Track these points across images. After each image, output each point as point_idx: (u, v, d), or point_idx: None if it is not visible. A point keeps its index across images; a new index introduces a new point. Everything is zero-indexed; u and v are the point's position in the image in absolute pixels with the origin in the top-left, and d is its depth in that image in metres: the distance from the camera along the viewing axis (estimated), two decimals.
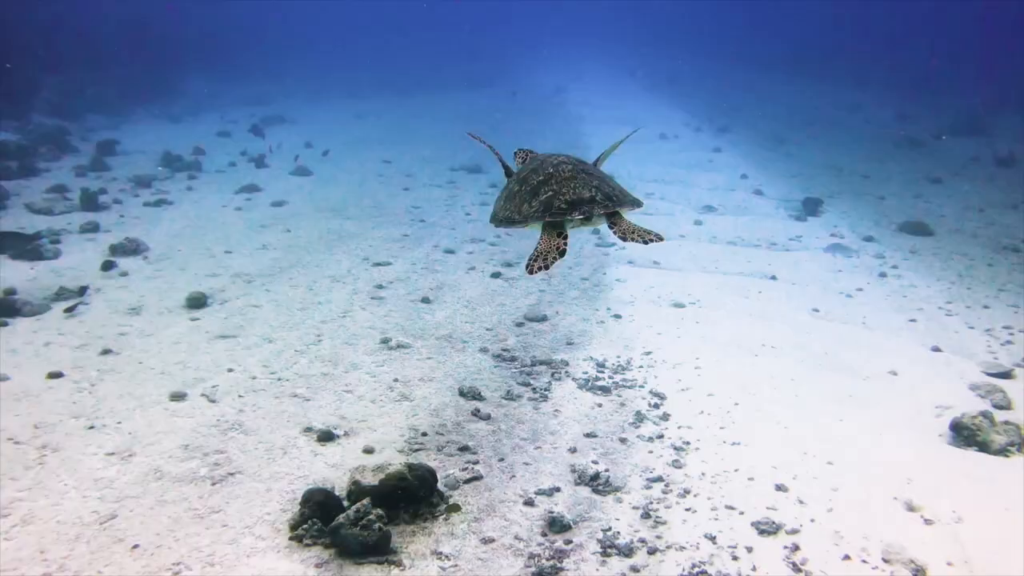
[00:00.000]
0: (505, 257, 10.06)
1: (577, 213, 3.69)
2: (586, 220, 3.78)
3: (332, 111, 25.72)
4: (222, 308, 8.07)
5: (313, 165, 15.81)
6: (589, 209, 3.70)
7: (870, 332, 8.05)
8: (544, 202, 3.74)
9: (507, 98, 28.25)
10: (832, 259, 10.66)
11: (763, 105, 26.61)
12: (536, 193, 3.80)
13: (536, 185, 3.84)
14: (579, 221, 3.78)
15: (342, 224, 11.46)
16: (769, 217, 12.72)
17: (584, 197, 3.72)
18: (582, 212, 3.69)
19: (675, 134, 20.52)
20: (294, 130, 21.50)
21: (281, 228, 11.16)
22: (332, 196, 13.28)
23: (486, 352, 7.19)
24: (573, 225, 3.82)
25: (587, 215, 3.72)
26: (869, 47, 37.28)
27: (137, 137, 19.28)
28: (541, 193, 3.78)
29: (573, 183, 3.77)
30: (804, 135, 21.09)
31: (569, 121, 23.27)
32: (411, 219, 11.90)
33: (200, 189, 13.61)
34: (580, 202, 3.70)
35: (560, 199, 3.72)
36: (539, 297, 8.66)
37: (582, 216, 3.71)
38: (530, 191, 3.84)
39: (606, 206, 3.74)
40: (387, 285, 8.87)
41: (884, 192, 14.72)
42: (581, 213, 3.70)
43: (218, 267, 9.39)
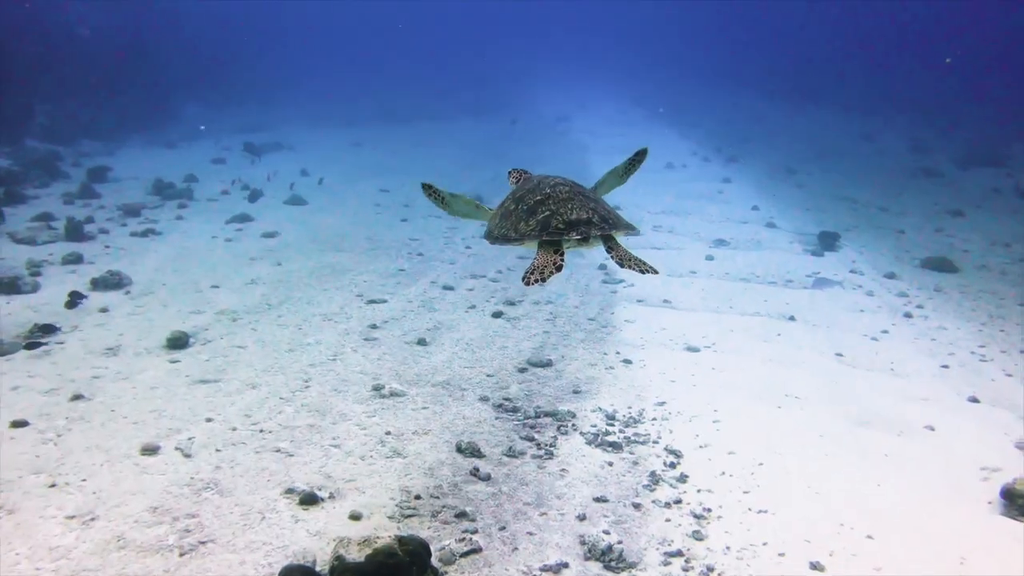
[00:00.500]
0: (507, 295, 9.52)
1: (575, 234, 3.66)
2: (583, 241, 3.74)
3: (330, 138, 25.34)
4: (204, 349, 7.52)
5: (308, 194, 15.33)
6: (587, 230, 3.67)
7: (900, 380, 7.48)
8: (542, 221, 3.73)
9: (508, 126, 27.90)
10: (853, 298, 10.12)
11: (772, 134, 26.23)
12: (533, 212, 3.79)
13: (533, 205, 3.84)
14: (576, 242, 3.73)
15: (336, 257, 10.94)
16: (784, 252, 12.19)
17: (582, 218, 3.70)
18: (580, 233, 3.66)
19: (683, 163, 20.07)
20: (291, 157, 21.08)
21: (272, 261, 10.64)
22: (327, 227, 12.77)
23: (486, 401, 6.62)
24: (569, 245, 3.77)
25: (584, 236, 3.68)
26: (878, 75, 36.98)
27: (130, 163, 18.86)
28: (538, 212, 3.78)
29: (570, 204, 3.77)
30: (815, 165, 20.63)
31: (572, 150, 22.84)
32: (408, 252, 11.37)
33: (190, 219, 13.12)
34: (578, 223, 3.69)
35: (558, 219, 3.71)
36: (543, 339, 8.10)
37: (580, 237, 3.67)
38: (527, 210, 3.83)
39: (603, 228, 3.71)
40: (381, 325, 8.32)
41: (903, 225, 14.21)
42: (579, 234, 3.66)
43: (203, 303, 8.85)
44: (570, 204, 3.78)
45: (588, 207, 3.79)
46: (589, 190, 4.11)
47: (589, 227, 3.69)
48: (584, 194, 3.93)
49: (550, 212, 3.76)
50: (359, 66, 44.36)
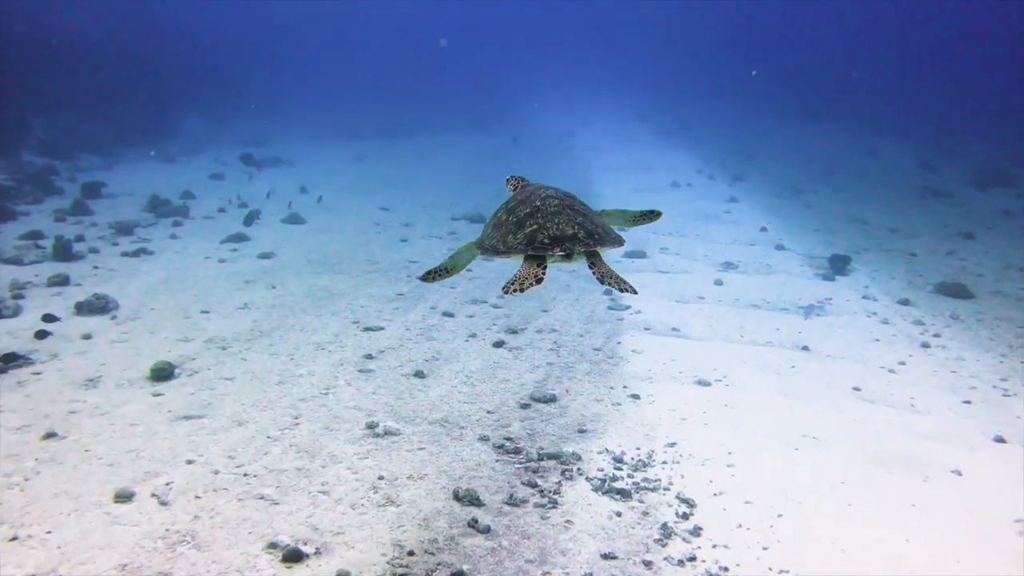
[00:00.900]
0: (509, 322, 9.15)
1: (559, 249, 3.68)
2: (567, 257, 3.76)
3: (331, 152, 25.06)
4: (190, 381, 7.15)
5: (307, 211, 14.99)
6: (571, 247, 3.69)
7: (922, 417, 7.10)
8: (528, 235, 3.75)
9: (511, 142, 27.60)
10: (868, 325, 9.74)
11: (777, 150, 25.92)
12: (522, 225, 3.81)
13: (523, 217, 3.85)
14: (560, 257, 3.75)
15: (332, 280, 10.58)
16: (794, 276, 11.82)
17: (567, 234, 3.72)
18: (564, 249, 3.69)
19: (688, 182, 19.73)
20: (291, 172, 20.78)
21: (266, 284, 10.28)
22: (324, 247, 12.42)
23: (486, 441, 6.24)
24: (553, 260, 3.79)
25: (568, 252, 3.70)
26: (883, 92, 36.72)
27: (127, 178, 18.56)
28: (526, 226, 3.79)
29: (558, 218, 3.78)
30: (822, 184, 20.30)
31: (576, 166, 22.52)
32: (408, 275, 11.01)
33: (184, 237, 12.77)
34: (563, 238, 3.70)
35: (543, 233, 3.73)
36: (547, 371, 7.73)
37: (563, 253, 3.70)
38: (516, 222, 3.86)
39: (587, 244, 3.73)
40: (377, 355, 7.95)
41: (914, 248, 13.84)
42: (563, 250, 3.69)
43: (192, 330, 8.48)
44: (557, 219, 3.78)
45: (575, 221, 3.78)
46: (580, 202, 4.06)
47: (573, 243, 3.70)
48: (573, 207, 3.90)
49: (537, 226, 3.77)
50: (362, 79, 44.17)
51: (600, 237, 3.80)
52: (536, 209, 3.86)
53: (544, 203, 3.88)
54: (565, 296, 10.30)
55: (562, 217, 3.78)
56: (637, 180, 20.06)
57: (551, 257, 3.76)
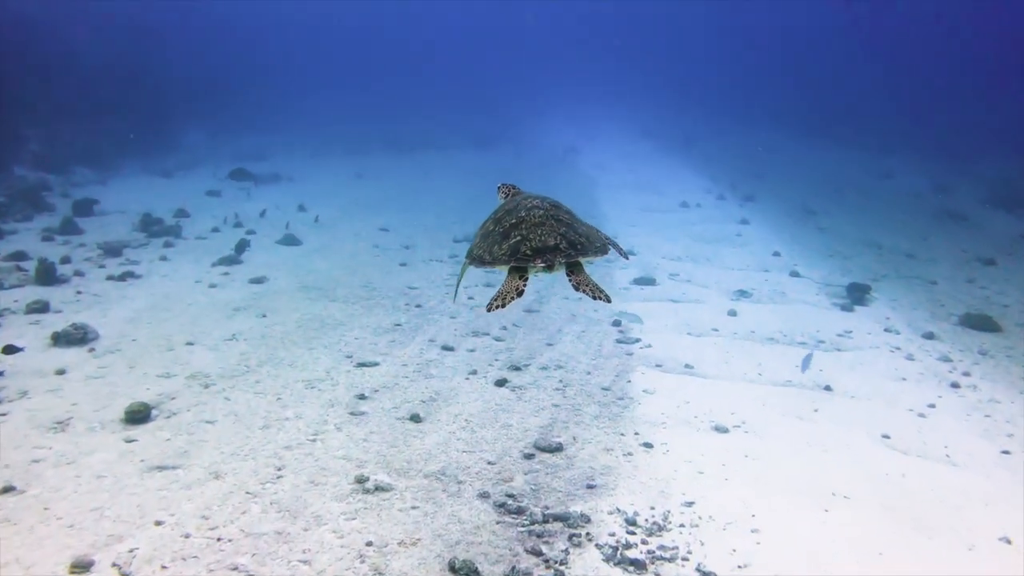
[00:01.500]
0: (512, 357, 8.61)
1: (540, 261, 3.77)
2: (548, 268, 3.82)
3: (332, 168, 24.62)
4: (167, 424, 6.62)
5: (304, 232, 14.51)
6: (551, 258, 3.78)
7: (959, 472, 6.54)
8: (512, 247, 3.83)
9: (514, 159, 27.14)
10: (892, 362, 9.19)
11: (787, 170, 25.42)
12: (507, 236, 3.89)
13: (508, 228, 3.94)
14: (542, 268, 3.82)
15: (327, 308, 10.06)
16: (811, 306, 11.28)
17: (549, 245, 3.79)
18: (544, 260, 3.77)
19: (697, 202, 19.21)
20: (290, 189, 20.30)
21: (257, 312, 9.75)
22: (320, 272, 11.90)
23: (487, 499, 5.69)
24: (536, 271, 3.86)
25: (549, 263, 3.77)
26: (893, 110, 36.26)
27: (122, 194, 18.10)
28: (511, 237, 3.87)
29: (541, 230, 3.86)
30: (835, 205, 19.78)
31: (581, 185, 22.04)
32: (406, 303, 10.48)
33: (175, 259, 12.26)
34: (544, 250, 3.78)
35: (526, 245, 3.81)
36: (552, 414, 7.18)
37: (544, 264, 3.77)
38: (502, 233, 3.93)
39: (568, 255, 3.81)
40: (370, 395, 7.41)
41: (934, 275, 13.30)
42: (544, 261, 3.77)
43: (175, 364, 7.96)
44: (540, 230, 3.86)
45: (558, 232, 3.86)
46: (566, 211, 4.13)
47: (555, 254, 3.78)
48: (557, 218, 3.97)
49: (521, 237, 3.85)
50: (364, 94, 43.80)
51: (583, 247, 3.87)
52: (521, 220, 3.93)
53: (529, 213, 3.96)
54: (571, 327, 9.77)
55: (545, 228, 3.86)
56: (644, 200, 19.56)
57: (533, 269, 3.83)
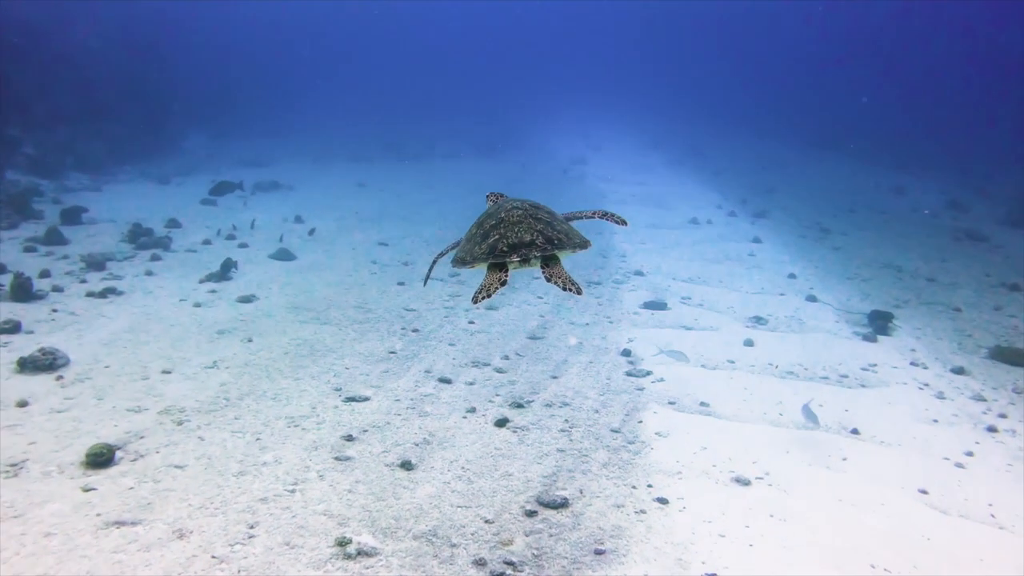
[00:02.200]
0: (514, 391, 7.99)
1: (516, 256, 3.96)
2: (524, 262, 4.02)
3: (334, 176, 24.04)
4: (131, 469, 6.00)
5: (299, 245, 13.92)
6: (527, 252, 3.96)
7: (1008, 537, 5.90)
8: (491, 245, 4.03)
9: (520, 169, 26.57)
10: (922, 400, 8.56)
11: (798, 185, 24.82)
12: (486, 236, 4.10)
13: (488, 229, 4.15)
14: (518, 263, 4.02)
15: (318, 332, 9.44)
16: (832, 335, 10.65)
17: (524, 241, 3.98)
18: (520, 255, 3.95)
19: (707, 218, 18.59)
20: (289, 198, 19.72)
21: (242, 336, 9.14)
22: (313, 290, 11.29)
23: (483, 567, 5.06)
24: (514, 266, 4.06)
25: (524, 257, 3.96)
26: (905, 123, 35.65)
27: (115, 201, 17.54)
28: (490, 236, 4.08)
29: (518, 228, 4.05)
30: (848, 222, 19.15)
31: (588, 198, 21.42)
32: (402, 327, 9.87)
33: (161, 274, 11.66)
34: (520, 245, 3.97)
35: (503, 242, 4.01)
36: (557, 461, 6.55)
37: (519, 258, 3.97)
38: (482, 235, 4.15)
39: (544, 250, 3.99)
40: (359, 435, 6.79)
41: (957, 301, 12.66)
42: (519, 256, 3.95)
43: (148, 395, 7.35)
44: (518, 227, 4.05)
45: (535, 229, 4.05)
46: (546, 211, 4.31)
47: (530, 249, 3.97)
48: (536, 216, 4.15)
49: (499, 236, 4.05)
50: (370, 99, 43.27)
51: (559, 242, 4.05)
52: (501, 220, 4.14)
53: (508, 214, 4.16)
54: (577, 357, 9.15)
55: (523, 226, 4.05)
56: (653, 215, 18.94)
57: (511, 264, 4.04)
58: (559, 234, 4.10)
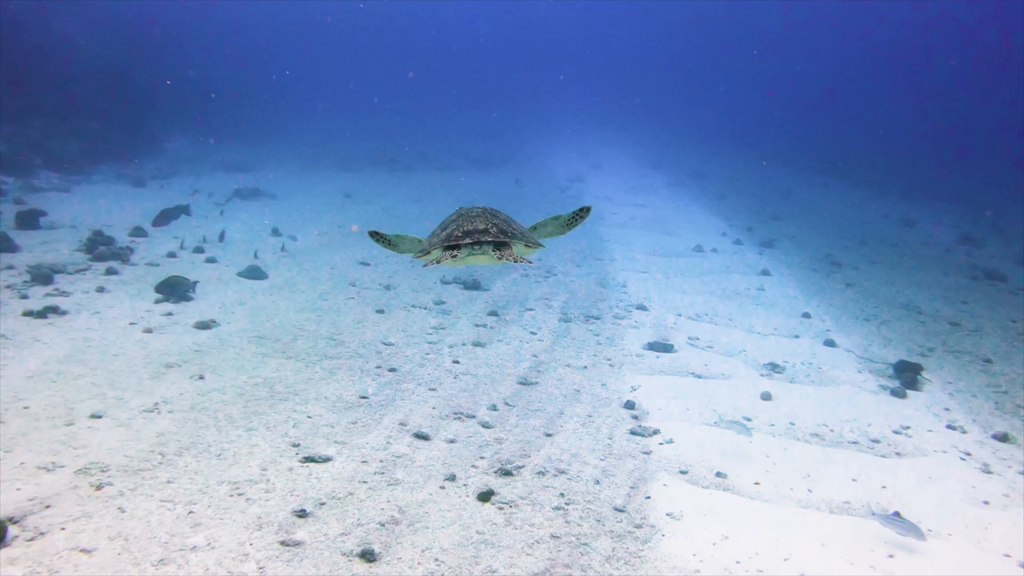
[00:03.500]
0: (501, 453, 6.87)
1: (468, 239, 4.36)
2: (476, 245, 4.38)
3: (320, 185, 22.93)
4: (25, 553, 4.85)
5: (272, 262, 12.79)
6: (479, 236, 4.36)
7: None
8: (447, 235, 4.48)
9: (515, 184, 25.49)
10: (967, 475, 7.48)
11: (805, 213, 23.84)
12: (445, 228, 4.59)
13: (447, 223, 4.63)
14: (468, 246, 4.39)
15: (281, 369, 8.30)
16: (856, 388, 9.58)
17: (478, 228, 4.41)
18: (472, 238, 4.36)
19: (712, 247, 17.53)
20: (269, 207, 18.59)
21: (193, 371, 7.99)
22: (281, 316, 10.16)
23: None
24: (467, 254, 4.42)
25: (476, 241, 4.36)
26: (912, 155, 34.82)
27: (82, 204, 16.40)
28: (448, 228, 4.54)
29: (474, 220, 4.48)
30: (859, 255, 18.13)
31: (588, 221, 20.33)
32: (378, 365, 8.73)
33: (115, 291, 10.51)
34: (473, 232, 4.40)
35: (459, 231, 4.45)
36: (550, 554, 5.43)
37: (471, 241, 4.36)
38: (441, 228, 4.65)
39: (496, 236, 4.39)
40: (313, 511, 5.65)
41: (986, 351, 11.63)
42: (471, 238, 4.36)
43: (68, 447, 6.20)
44: (475, 220, 4.48)
45: (491, 222, 4.46)
46: (504, 216, 4.66)
47: (483, 234, 4.38)
48: (493, 215, 4.56)
49: (456, 227, 4.49)
50: (363, 106, 42.17)
51: (512, 235, 4.42)
52: (460, 216, 4.57)
53: (468, 212, 4.57)
54: (574, 408, 8.04)
55: (478, 219, 4.46)
56: (655, 241, 17.88)
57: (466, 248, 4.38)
58: (512, 230, 4.50)
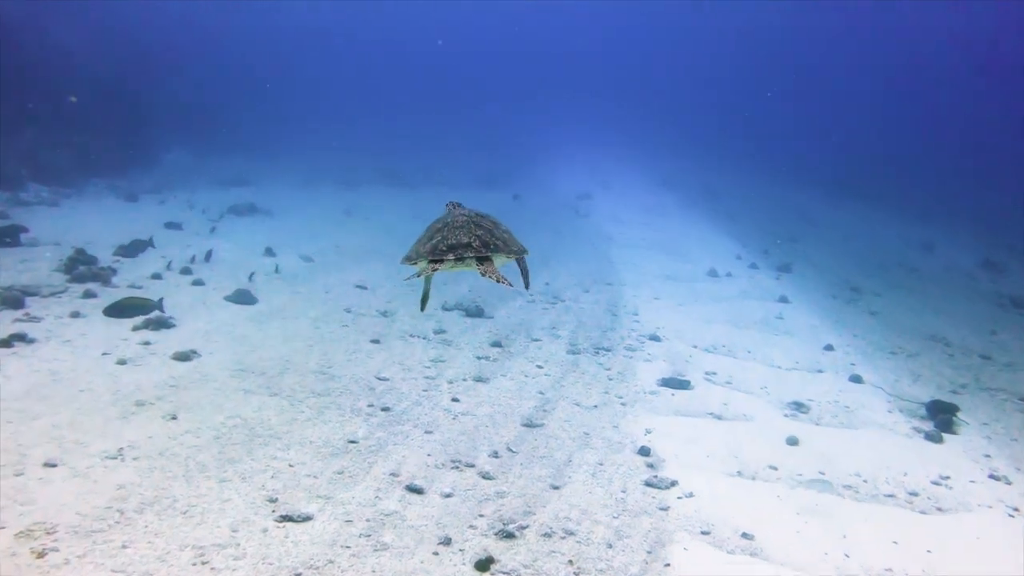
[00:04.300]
0: (503, 510, 6.14)
1: (451, 255, 4.42)
2: (459, 261, 4.46)
3: (319, 202, 22.33)
4: None
5: (262, 286, 12.11)
6: (462, 252, 4.43)
7: None
8: (433, 245, 4.49)
9: (519, 202, 24.84)
10: (1016, 534, 6.74)
11: (821, 235, 23.17)
12: (431, 238, 4.57)
13: (434, 232, 4.62)
14: (453, 261, 4.46)
15: (262, 409, 7.58)
16: (888, 431, 8.84)
17: (462, 242, 4.46)
18: (455, 254, 4.42)
19: (727, 271, 16.80)
20: (265, 225, 17.96)
21: (166, 410, 7.27)
22: (268, 346, 9.45)
23: None
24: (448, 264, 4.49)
25: (459, 257, 4.42)
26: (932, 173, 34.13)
27: (70, 219, 15.80)
28: (434, 238, 4.54)
29: (459, 231, 4.52)
30: (881, 282, 17.41)
31: (594, 241, 19.67)
32: (369, 403, 8.01)
33: (91, 316, 9.82)
34: (457, 246, 4.45)
35: (444, 243, 4.48)
36: None
37: (454, 257, 4.42)
38: (428, 236, 4.63)
39: (479, 251, 4.45)
40: None
41: (1022, 388, 10.89)
42: (455, 255, 4.42)
43: (12, 503, 5.48)
44: (459, 231, 4.51)
45: (474, 234, 4.51)
46: (490, 221, 4.74)
47: (466, 249, 4.43)
48: (478, 224, 4.61)
49: (441, 238, 4.51)
50: (365, 119, 41.61)
51: (496, 247, 4.51)
52: (446, 224, 4.60)
53: (453, 220, 4.63)
54: (584, 455, 7.32)
55: (463, 230, 4.51)
56: (667, 265, 17.18)
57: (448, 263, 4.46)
58: (496, 240, 4.53)
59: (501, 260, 4.57)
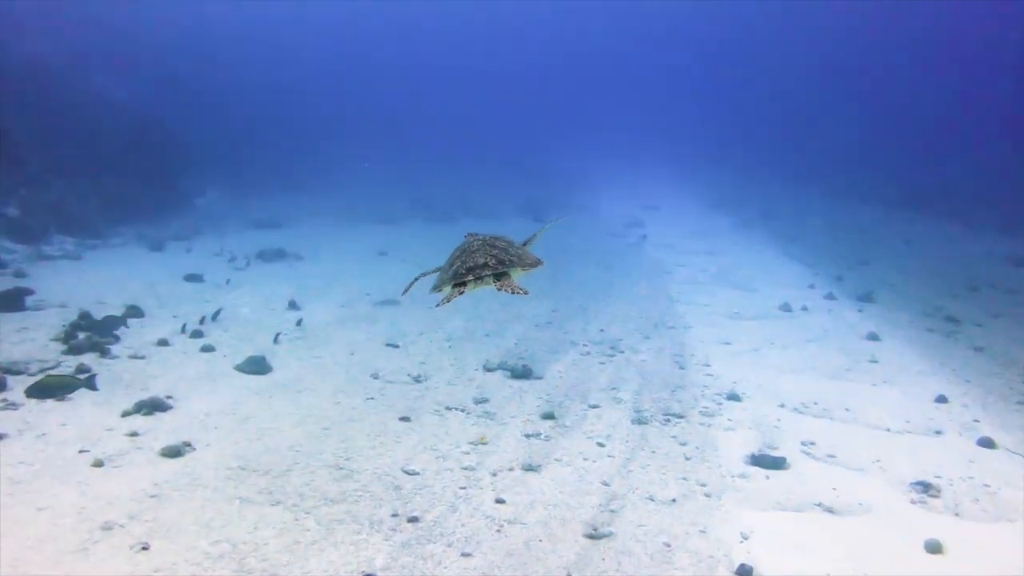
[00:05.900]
0: None
1: (470, 275, 4.66)
2: (479, 280, 4.68)
3: (354, 240, 21.08)
4: None
5: (280, 348, 10.72)
6: (480, 271, 4.66)
7: None
8: (453, 272, 4.73)
9: (565, 236, 23.24)
10: None
11: (895, 256, 21.11)
12: (451, 265, 4.83)
13: (453, 259, 4.87)
14: (473, 282, 4.67)
15: (259, 526, 6.07)
16: None
17: (479, 263, 4.69)
18: (474, 275, 4.66)
19: (801, 303, 14.94)
20: (292, 272, 16.67)
21: (138, 536, 5.78)
22: (277, 430, 7.98)
23: None
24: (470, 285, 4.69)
25: (478, 276, 4.66)
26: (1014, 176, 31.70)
27: (87, 274, 14.79)
28: (454, 265, 4.80)
29: (476, 254, 4.75)
30: (977, 308, 15.36)
31: (651, 275, 17.96)
32: (393, 512, 6.45)
33: (77, 400, 8.47)
34: (475, 267, 4.68)
35: (463, 267, 4.70)
36: None
37: (473, 277, 4.65)
38: (449, 264, 4.89)
39: (496, 269, 4.69)
40: None
41: None
42: (473, 275, 4.65)
43: None
44: (475, 254, 4.74)
45: (490, 254, 4.74)
46: (504, 241, 4.96)
47: (483, 269, 4.66)
48: (492, 245, 4.85)
49: (460, 263, 4.73)
50: (402, 153, 40.50)
51: (510, 263, 4.75)
52: (463, 251, 4.84)
53: (469, 245, 4.87)
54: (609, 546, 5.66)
55: (479, 252, 4.75)
56: (732, 300, 15.39)
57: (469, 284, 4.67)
58: (511, 257, 4.78)
59: (518, 274, 4.79)
